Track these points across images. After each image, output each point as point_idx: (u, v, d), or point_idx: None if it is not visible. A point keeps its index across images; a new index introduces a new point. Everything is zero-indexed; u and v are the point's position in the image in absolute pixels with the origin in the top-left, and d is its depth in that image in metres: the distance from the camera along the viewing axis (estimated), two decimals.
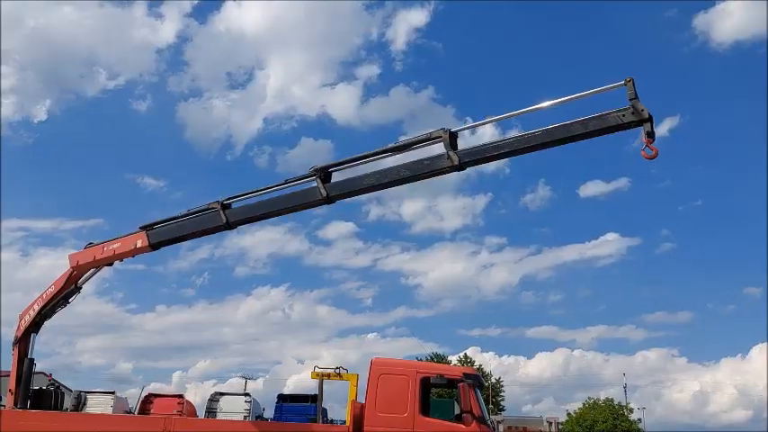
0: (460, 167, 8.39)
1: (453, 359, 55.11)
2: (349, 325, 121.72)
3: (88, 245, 12.34)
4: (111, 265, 12.06)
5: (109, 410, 11.96)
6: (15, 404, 11.49)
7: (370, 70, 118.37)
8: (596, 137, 7.86)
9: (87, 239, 12.41)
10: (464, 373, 10.94)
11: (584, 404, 66.71)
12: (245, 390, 23.67)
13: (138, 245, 11.00)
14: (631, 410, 65.36)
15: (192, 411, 12.46)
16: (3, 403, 11.83)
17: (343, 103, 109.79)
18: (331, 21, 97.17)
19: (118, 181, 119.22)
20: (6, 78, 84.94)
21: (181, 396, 12.83)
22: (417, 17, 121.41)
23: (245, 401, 12.37)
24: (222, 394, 12.59)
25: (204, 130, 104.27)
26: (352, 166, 9.44)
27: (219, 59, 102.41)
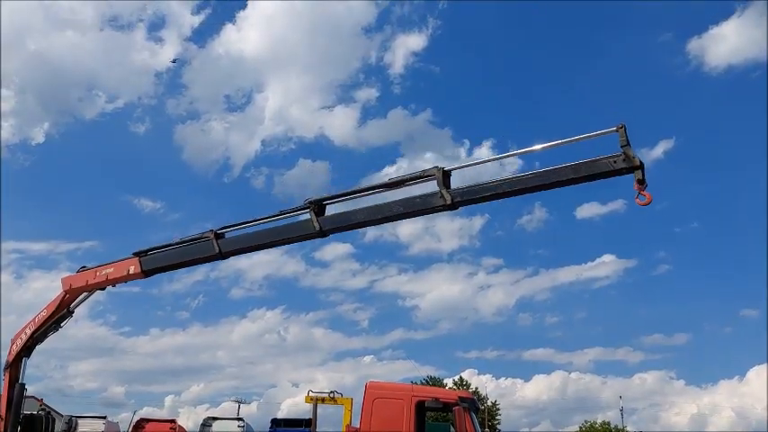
0: (453, 206, 8.41)
1: (449, 382, 54.76)
2: (345, 348, 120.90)
3: (81, 268, 12.29)
4: (103, 289, 12.01)
5: None
6: (5, 430, 11.35)
7: (368, 93, 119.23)
8: (588, 182, 7.92)
9: (82, 262, 12.40)
10: (459, 397, 10.88)
11: (581, 428, 66.35)
12: (238, 414, 23.42)
13: (131, 271, 10.99)
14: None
15: None
16: None
17: (341, 125, 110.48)
18: (330, 44, 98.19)
19: (114, 202, 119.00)
20: (5, 101, 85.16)
21: (173, 421, 12.70)
22: (416, 41, 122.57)
23: (239, 426, 12.25)
24: (215, 419, 12.47)
25: (202, 152, 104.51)
26: (347, 199, 9.49)
27: (218, 82, 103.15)
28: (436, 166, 8.44)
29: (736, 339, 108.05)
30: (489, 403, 61.21)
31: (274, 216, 9.62)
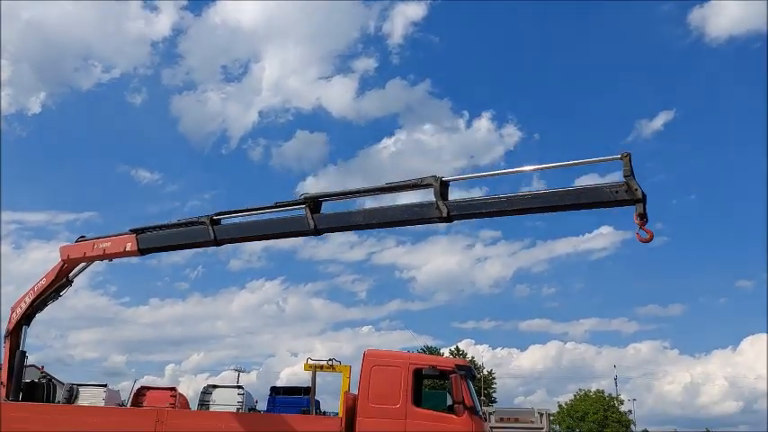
0: (449, 220, 8.34)
1: (446, 352, 55.39)
2: (343, 318, 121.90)
3: (80, 238, 12.32)
4: (102, 260, 12.07)
5: (101, 403, 11.91)
6: (7, 396, 11.51)
7: (366, 63, 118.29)
8: (588, 209, 7.80)
9: (81, 232, 12.43)
10: (456, 365, 11.02)
11: (575, 396, 67.34)
12: (237, 383, 23.69)
13: (128, 248, 11.03)
14: (622, 402, 66.01)
15: (185, 404, 12.45)
16: None
17: (339, 96, 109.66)
18: (328, 14, 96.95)
19: (112, 174, 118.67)
20: (2, 71, 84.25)
21: (173, 389, 12.81)
22: (415, 11, 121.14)
23: (238, 394, 12.35)
24: (215, 387, 12.55)
25: (199, 123, 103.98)
26: (343, 199, 9.51)
27: (215, 52, 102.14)
28: (434, 176, 8.32)
29: (731, 310, 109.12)
30: (485, 372, 62.06)
31: (270, 207, 9.60)
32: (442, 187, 8.25)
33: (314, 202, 9.18)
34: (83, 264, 12.27)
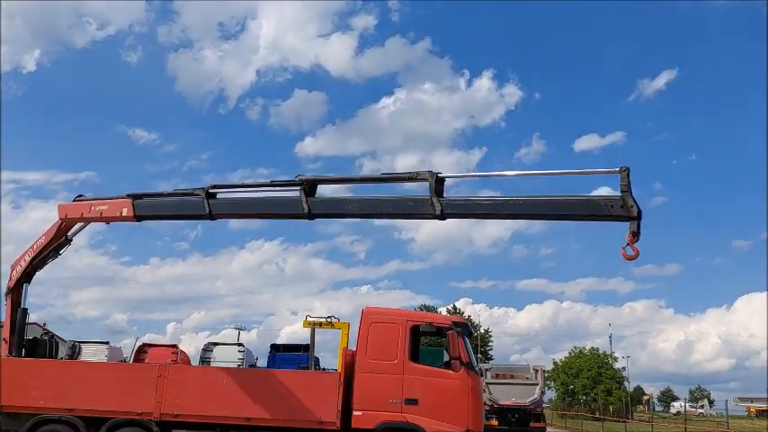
0: (442, 217, 8.26)
1: (443, 311, 55.98)
2: (342, 278, 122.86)
3: (78, 197, 12.30)
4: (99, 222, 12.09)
5: (103, 360, 12.11)
6: (10, 353, 11.67)
7: (365, 21, 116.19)
8: (581, 221, 7.61)
9: (79, 192, 12.39)
10: (453, 322, 11.18)
11: (570, 353, 68.50)
12: (238, 340, 23.97)
13: (124, 213, 11.07)
14: (616, 359, 67.25)
15: (186, 361, 12.64)
16: None
17: (337, 55, 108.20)
18: None
19: (109, 133, 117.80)
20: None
21: (175, 346, 12.97)
22: None
23: (239, 351, 12.50)
24: (216, 344, 12.69)
25: (196, 83, 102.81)
26: (339, 183, 9.51)
27: (211, 9, 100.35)
28: (430, 171, 8.20)
29: (727, 270, 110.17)
30: (482, 331, 62.90)
31: (266, 184, 9.56)
32: (438, 183, 8.16)
33: (309, 185, 9.13)
34: (81, 223, 12.29)
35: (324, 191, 9.42)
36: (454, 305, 62.72)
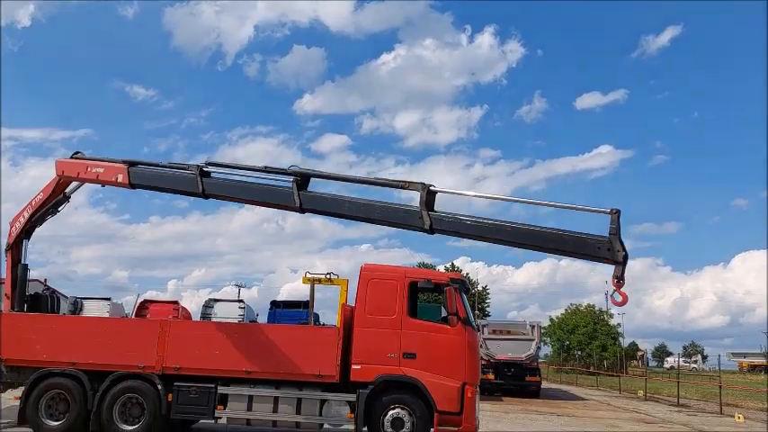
0: (431, 232, 8.16)
1: (441, 269, 56.44)
2: (342, 237, 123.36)
3: (75, 154, 12.23)
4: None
5: (105, 316, 12.27)
6: (12, 308, 11.81)
7: None
8: (569, 257, 7.49)
9: (77, 150, 12.31)
10: (450, 278, 11.27)
11: (566, 310, 69.39)
12: (238, 297, 24.24)
13: (119, 179, 11.08)
14: (611, 316, 68.13)
15: (188, 317, 12.81)
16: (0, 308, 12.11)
17: (337, 10, 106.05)
18: None
19: (107, 89, 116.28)
20: None
21: (176, 302, 13.13)
22: None
23: (240, 308, 12.63)
24: (216, 301, 12.82)
25: (193, 38, 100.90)
26: (331, 179, 9.48)
27: None
28: (422, 183, 8.07)
29: (725, 228, 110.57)
30: (479, 288, 63.55)
31: (260, 169, 9.49)
32: (428, 196, 8.04)
33: (302, 178, 9.04)
34: (78, 182, 12.27)
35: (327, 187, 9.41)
36: (452, 263, 63.21)
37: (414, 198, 8.73)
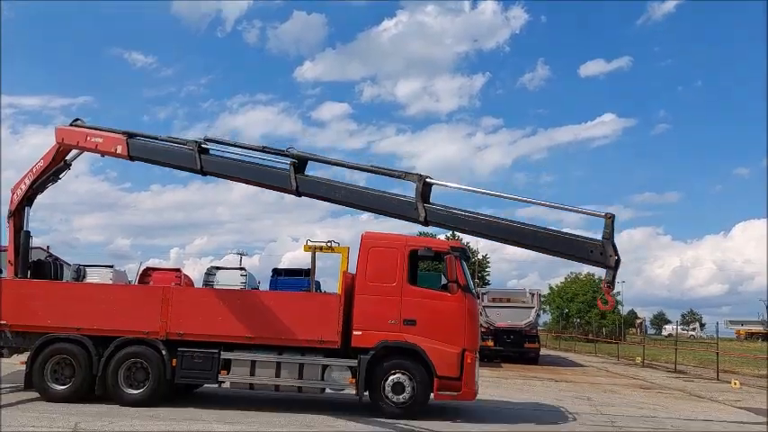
0: (425, 223, 8.10)
1: (442, 238, 56.57)
2: (342, 206, 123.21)
3: (75, 121, 12.18)
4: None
5: (108, 283, 12.36)
6: (15, 274, 11.90)
7: None
8: (561, 258, 7.36)
9: (77, 117, 12.24)
10: (451, 246, 11.32)
11: (566, 279, 69.82)
12: (240, 265, 24.44)
13: (118, 150, 11.03)
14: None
15: (190, 284, 12.88)
16: (3, 275, 12.20)
17: None
18: None
19: (105, 56, 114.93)
20: None
21: (178, 270, 13.19)
22: None
23: (241, 275, 12.69)
24: (218, 268, 12.86)
25: (192, 4, 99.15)
26: (329, 164, 9.50)
27: None
28: (419, 174, 7.98)
29: (726, 197, 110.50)
30: (479, 257, 63.83)
31: (258, 148, 9.47)
32: (425, 187, 7.98)
33: (300, 161, 9.00)
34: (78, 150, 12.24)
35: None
36: (453, 232, 63.31)
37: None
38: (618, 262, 6.50)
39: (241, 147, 9.76)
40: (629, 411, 13.23)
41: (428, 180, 7.88)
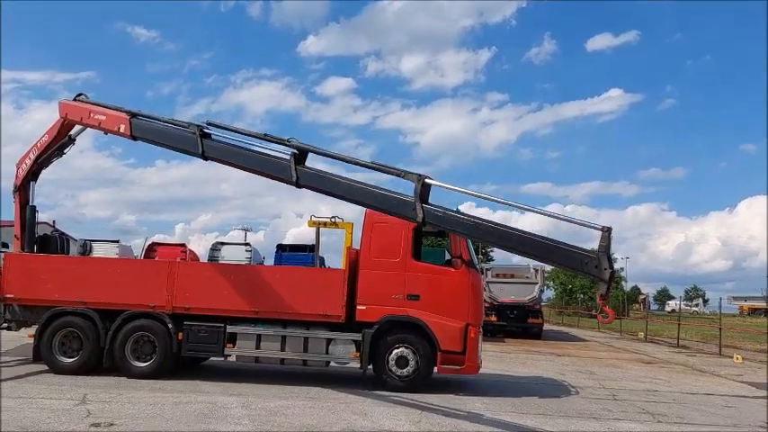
0: (423, 224, 8.03)
1: None
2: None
3: (78, 96, 12.13)
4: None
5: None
6: (22, 248, 11.99)
7: None
8: (557, 267, 7.26)
9: (80, 92, 12.18)
10: None
11: None
12: (245, 241, 24.48)
13: (121, 130, 10.94)
14: (615, 260, 68.59)
15: (195, 259, 12.97)
16: (10, 250, 12.30)
17: None
18: None
19: (108, 30, 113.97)
20: None
21: (184, 245, 13.26)
22: None
23: (246, 251, 12.75)
24: (223, 244, 12.92)
25: None
26: (329, 157, 9.38)
27: None
28: (418, 175, 7.89)
29: (732, 173, 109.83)
30: None
31: (259, 136, 9.42)
32: (423, 188, 7.92)
33: (300, 152, 8.98)
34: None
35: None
36: (458, 208, 63.16)
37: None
38: (612, 275, 6.49)
39: (243, 133, 9.73)
40: (631, 385, 13.35)
41: (427, 181, 7.89)
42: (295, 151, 9.01)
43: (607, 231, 6.51)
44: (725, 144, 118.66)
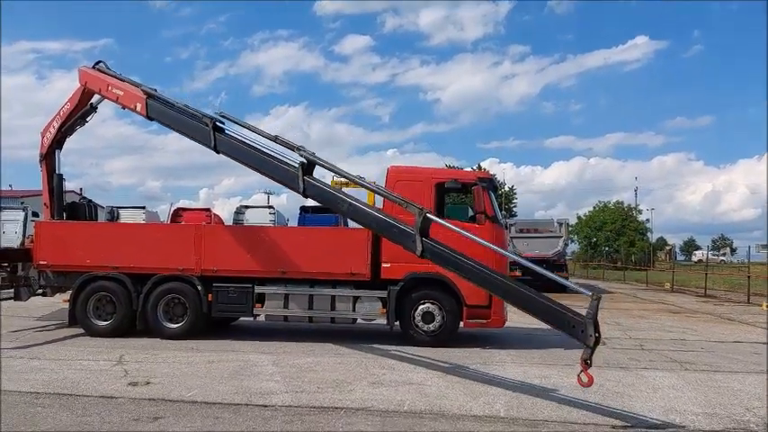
0: (422, 256, 7.86)
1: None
2: (368, 142, 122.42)
3: (97, 63, 12.14)
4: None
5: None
6: (52, 216, 12.24)
7: None
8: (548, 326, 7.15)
9: (99, 60, 12.20)
10: (478, 177, 11.27)
11: (594, 208, 69.21)
12: (268, 204, 24.62)
13: (137, 108, 10.96)
14: (640, 212, 67.81)
15: (220, 223, 13.11)
16: (40, 218, 12.56)
17: None
18: None
19: None
20: None
21: (208, 209, 13.40)
22: None
23: (270, 213, 12.85)
24: (247, 207, 13.03)
25: None
26: (335, 173, 9.47)
27: None
28: (420, 209, 7.84)
29: (760, 119, 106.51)
30: (507, 189, 63.41)
31: (271, 138, 9.38)
32: (424, 222, 7.79)
33: (308, 162, 8.95)
34: None
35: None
36: (479, 164, 62.81)
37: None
38: (597, 341, 6.52)
39: (254, 131, 9.76)
40: (658, 335, 13.34)
41: (427, 215, 7.88)
42: (304, 161, 9.02)
43: (596, 300, 6.53)
44: (753, 90, 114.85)
